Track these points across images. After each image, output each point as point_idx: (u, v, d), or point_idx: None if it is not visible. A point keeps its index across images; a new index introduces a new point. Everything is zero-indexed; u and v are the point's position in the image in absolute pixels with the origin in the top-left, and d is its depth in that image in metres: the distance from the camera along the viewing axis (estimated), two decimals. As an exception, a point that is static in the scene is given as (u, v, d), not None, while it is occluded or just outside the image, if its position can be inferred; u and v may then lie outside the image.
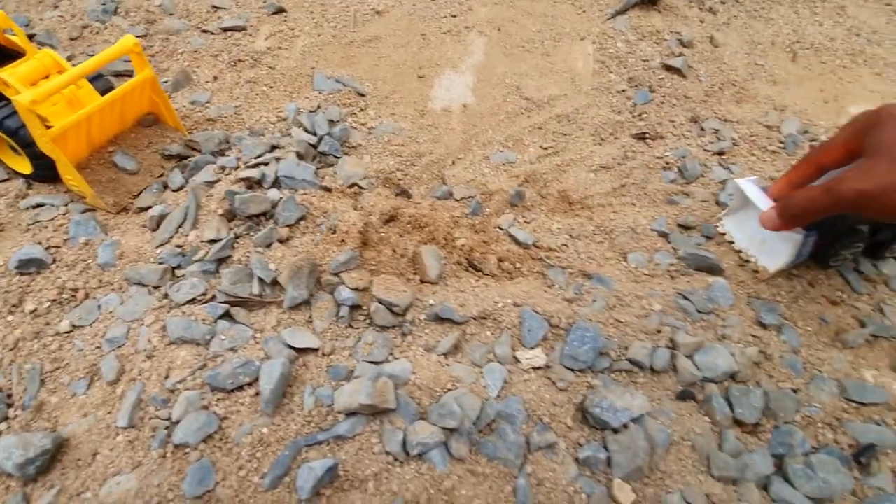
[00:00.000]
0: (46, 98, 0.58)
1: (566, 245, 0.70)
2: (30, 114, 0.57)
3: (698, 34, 1.01)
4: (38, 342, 0.54)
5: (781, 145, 0.87)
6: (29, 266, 0.58)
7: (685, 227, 0.71)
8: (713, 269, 0.65)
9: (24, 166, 0.68)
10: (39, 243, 0.61)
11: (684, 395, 0.54)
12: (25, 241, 0.62)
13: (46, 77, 0.68)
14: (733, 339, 0.59)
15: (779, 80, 0.98)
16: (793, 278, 0.67)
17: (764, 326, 0.62)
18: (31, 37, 0.89)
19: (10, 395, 0.50)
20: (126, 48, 0.65)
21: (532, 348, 0.55)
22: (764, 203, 0.60)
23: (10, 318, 0.55)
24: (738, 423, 0.53)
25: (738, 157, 0.85)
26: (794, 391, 0.56)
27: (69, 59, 0.87)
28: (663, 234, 0.70)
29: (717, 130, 0.88)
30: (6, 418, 0.49)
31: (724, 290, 0.63)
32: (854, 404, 0.57)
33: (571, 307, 0.59)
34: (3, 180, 0.69)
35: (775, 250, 0.63)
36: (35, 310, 0.56)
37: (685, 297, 0.61)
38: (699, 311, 0.61)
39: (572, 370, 0.53)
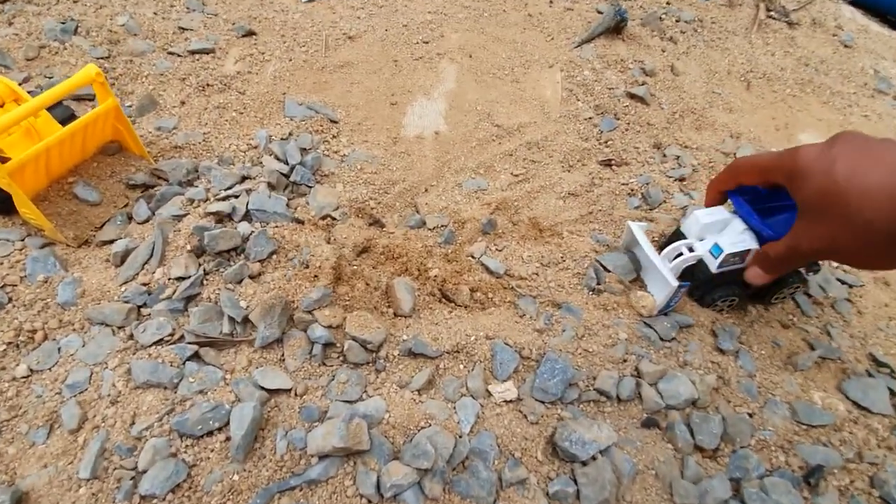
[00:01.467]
0: (3, 132, 0.56)
1: (537, 273, 0.71)
2: (-17, 149, 0.55)
3: (660, 63, 1.06)
4: (-7, 389, 0.51)
5: (737, 172, 0.91)
6: (-18, 306, 0.56)
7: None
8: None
9: (-23, 198, 0.65)
10: (-6, 281, 0.58)
11: (649, 423, 0.57)
12: (-22, 279, 0.59)
13: (1, 106, 0.66)
14: (694, 366, 0.62)
15: (734, 108, 1.03)
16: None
17: (722, 352, 0.65)
18: (-18, 56, 0.85)
19: (-39, 448, 0.48)
20: (88, 78, 0.63)
21: (504, 381, 0.56)
22: (650, 249, 0.65)
23: (-40, 363, 0.53)
24: (698, 449, 0.56)
25: (697, 184, 0.89)
26: (750, 415, 0.59)
27: (25, 80, 0.83)
28: (628, 262, 0.73)
29: (678, 157, 0.92)
30: (-42, 473, 0.46)
31: (686, 317, 0.65)
32: (804, 426, 0.60)
33: (542, 338, 0.61)
34: (-47, 213, 0.66)
35: (660, 292, 0.65)
36: (-11, 353, 0.53)
37: (648, 325, 0.64)
38: (662, 339, 0.63)
39: (543, 402, 0.55)
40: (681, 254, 0.64)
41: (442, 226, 0.75)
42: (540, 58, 1.03)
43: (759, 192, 0.62)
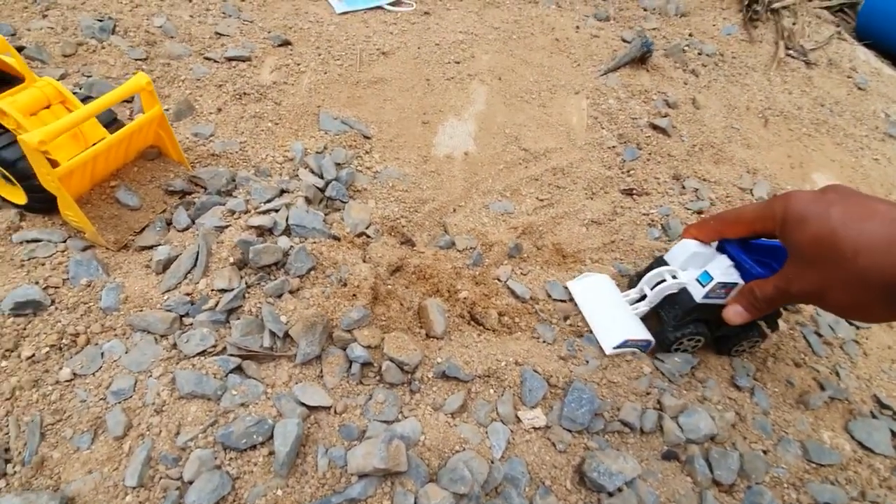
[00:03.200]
0: (55, 138, 0.57)
1: (561, 300, 0.73)
2: (36, 154, 0.56)
3: (682, 95, 1.09)
4: (37, 391, 0.52)
5: (753, 208, 0.94)
6: (25, 308, 0.57)
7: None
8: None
9: (18, 197, 0.66)
10: (37, 283, 0.59)
11: (668, 456, 0.59)
12: (19, 279, 0.60)
13: (47, 107, 0.66)
14: (713, 401, 0.64)
15: (752, 144, 1.06)
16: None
17: (738, 388, 0.67)
18: (19, 49, 0.86)
19: (7, 450, 0.49)
20: (139, 86, 0.65)
21: (532, 408, 0.58)
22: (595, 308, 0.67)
23: (3, 363, 0.54)
24: (716, 483, 0.58)
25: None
26: (765, 452, 0.62)
27: (62, 77, 0.84)
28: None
29: (696, 189, 0.95)
30: (5, 475, 0.47)
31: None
32: (814, 465, 0.63)
33: (567, 366, 0.63)
34: (-6, 210, 0.67)
35: (611, 337, 0.65)
36: (33, 355, 0.54)
37: (662, 360, 0.66)
38: (679, 374, 0.65)
39: (570, 431, 0.57)
40: (662, 280, 0.63)
41: (471, 248, 0.77)
42: (566, 83, 1.06)
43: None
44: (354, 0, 1.10)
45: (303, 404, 0.53)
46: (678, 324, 0.64)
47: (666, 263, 0.65)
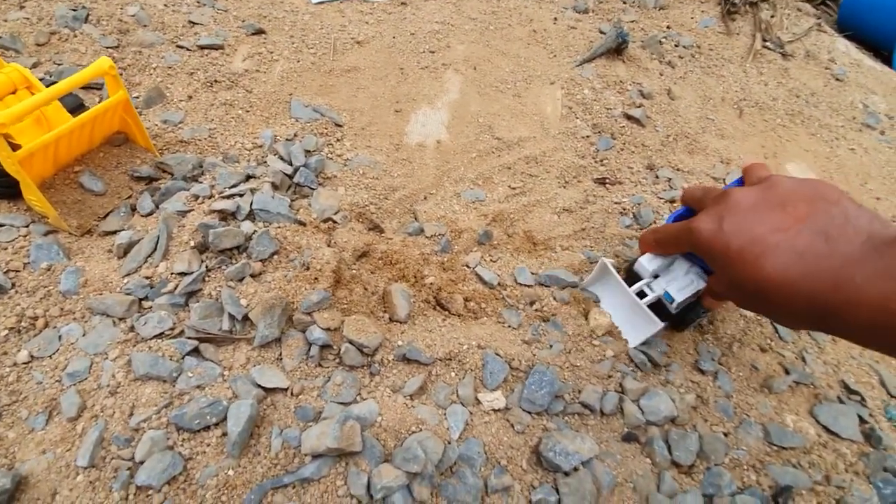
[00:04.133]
0: (17, 121, 0.57)
1: (528, 285, 0.74)
2: (-3, 137, 0.56)
3: (657, 86, 1.09)
4: (-7, 373, 0.52)
5: (726, 197, 0.95)
6: (-16, 291, 0.57)
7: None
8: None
9: (-18, 182, 0.66)
10: (-3, 267, 0.59)
11: (629, 438, 0.59)
12: (-20, 263, 0.60)
13: (13, 92, 0.66)
14: (675, 384, 0.65)
15: (726, 135, 1.06)
16: (728, 323, 0.73)
17: (702, 372, 0.68)
18: (-9, 38, 0.85)
19: (-40, 430, 0.49)
20: (101, 70, 0.64)
21: (493, 390, 0.58)
22: (624, 284, 0.66)
23: (-39, 345, 0.54)
24: (675, 464, 0.58)
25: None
26: (725, 434, 0.62)
27: (34, 66, 0.84)
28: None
29: (669, 179, 0.95)
30: (-44, 455, 0.47)
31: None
32: (775, 447, 0.63)
33: (531, 350, 0.63)
34: (-43, 195, 0.66)
35: (637, 329, 0.66)
36: (-10, 338, 0.54)
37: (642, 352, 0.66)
38: (648, 358, 0.66)
39: (529, 413, 0.57)
40: (644, 293, 0.65)
41: (439, 234, 0.77)
42: (542, 74, 1.06)
43: None
44: (331, -10, 1.10)
45: (259, 386, 0.53)
46: (677, 322, 0.66)
47: (637, 274, 0.66)
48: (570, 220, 0.85)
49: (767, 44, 1.25)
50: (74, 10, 0.92)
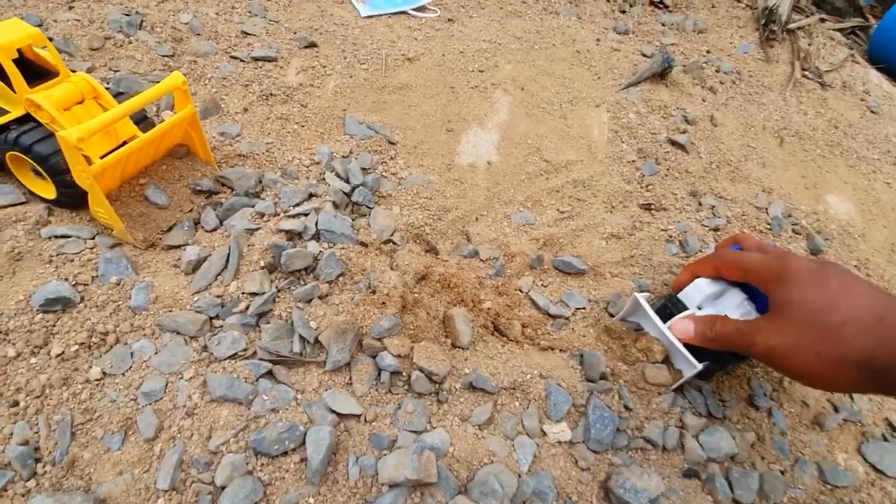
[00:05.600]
0: (92, 136, 0.57)
1: (583, 308, 0.74)
2: (74, 150, 0.56)
3: (701, 112, 1.10)
4: (67, 390, 0.52)
5: (768, 227, 0.95)
6: (55, 304, 0.56)
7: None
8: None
9: (47, 191, 0.66)
10: (66, 279, 0.59)
11: (689, 474, 0.59)
12: (48, 275, 0.60)
13: (80, 102, 0.66)
14: (732, 420, 0.65)
15: (767, 164, 1.07)
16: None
17: (756, 408, 0.68)
18: (46, 40, 0.85)
19: (37, 449, 0.49)
20: (174, 85, 0.65)
21: (558, 422, 0.59)
22: (657, 320, 0.63)
23: (33, 360, 0.54)
24: (736, 503, 0.59)
25: (730, 235, 0.92)
26: (782, 472, 0.63)
27: (88, 70, 0.84)
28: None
29: (713, 207, 0.96)
30: (35, 474, 0.47)
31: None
32: (829, 486, 0.64)
33: (589, 382, 0.63)
34: (21, 203, 0.66)
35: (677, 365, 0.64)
36: (62, 353, 0.54)
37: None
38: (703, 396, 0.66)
39: (596, 452, 0.57)
40: None
41: (494, 258, 0.77)
42: (587, 96, 1.06)
43: None
44: (379, 4, 1.11)
45: (333, 411, 0.53)
46: (718, 364, 0.63)
47: (681, 302, 0.64)
48: (619, 247, 0.85)
49: (806, 73, 1.26)
50: (128, 16, 0.92)
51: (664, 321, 0.63)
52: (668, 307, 0.65)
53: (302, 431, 0.50)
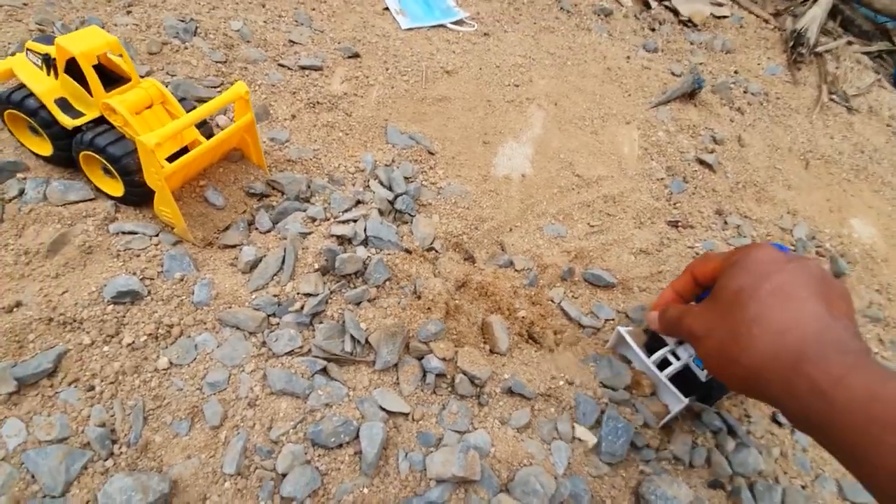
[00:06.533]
0: (167, 140, 0.61)
1: (612, 319, 0.77)
2: (151, 155, 0.60)
3: (728, 132, 1.12)
4: (138, 377, 0.56)
5: (793, 248, 0.98)
6: (125, 297, 0.60)
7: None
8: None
9: (115, 189, 0.70)
10: (134, 273, 0.63)
11: (714, 485, 0.62)
12: (116, 268, 0.64)
13: (149, 107, 0.71)
14: (756, 436, 0.68)
15: (793, 186, 1.09)
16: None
17: (780, 425, 0.71)
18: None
19: (112, 431, 0.53)
20: (237, 95, 0.69)
21: (590, 428, 0.62)
22: (641, 354, 0.64)
23: (105, 348, 0.58)
24: (759, 514, 0.61)
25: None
26: (803, 487, 0.65)
27: (147, 74, 0.88)
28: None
29: (738, 226, 0.98)
30: (111, 454, 0.51)
31: None
32: (848, 502, 0.66)
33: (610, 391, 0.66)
34: (90, 199, 0.70)
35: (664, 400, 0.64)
36: (132, 343, 0.58)
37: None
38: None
39: (610, 465, 0.59)
40: (668, 361, 0.62)
41: (528, 269, 0.80)
42: (618, 113, 1.09)
43: None
44: (419, 17, 1.15)
45: (383, 409, 0.56)
46: (705, 394, 0.63)
47: (661, 339, 0.63)
48: (647, 262, 0.88)
49: (833, 96, 1.28)
50: (184, 22, 0.97)
51: (650, 355, 0.63)
52: (654, 342, 0.65)
53: (355, 426, 0.54)
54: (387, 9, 1.16)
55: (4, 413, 0.51)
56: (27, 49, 0.70)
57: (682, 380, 0.62)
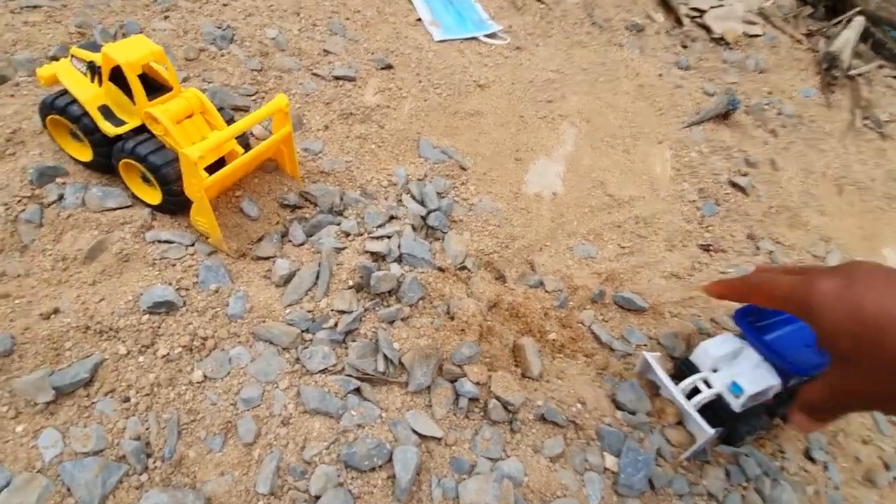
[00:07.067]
0: (209, 153, 0.61)
1: (645, 345, 0.76)
2: (193, 167, 0.60)
3: (761, 155, 1.11)
4: (173, 390, 0.56)
5: (826, 277, 0.96)
6: (160, 307, 0.61)
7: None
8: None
9: (152, 197, 0.70)
10: (170, 283, 0.63)
11: (747, 523, 0.61)
12: (152, 277, 0.64)
13: (190, 116, 0.71)
14: (789, 471, 0.66)
15: (826, 212, 1.07)
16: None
17: (813, 461, 0.69)
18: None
19: (147, 444, 0.52)
20: (278, 108, 0.69)
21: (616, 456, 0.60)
22: (668, 382, 0.62)
23: (141, 359, 0.58)
24: (794, 555, 0.60)
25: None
26: (838, 528, 0.64)
27: (184, 80, 0.89)
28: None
29: (771, 252, 0.96)
30: (147, 469, 0.51)
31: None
32: (883, 544, 0.65)
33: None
34: (127, 206, 0.71)
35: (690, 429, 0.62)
36: (167, 354, 0.58)
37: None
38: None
39: (624, 496, 0.58)
40: (698, 389, 0.60)
41: (558, 290, 0.79)
42: (650, 132, 1.08)
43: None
44: (452, 29, 1.14)
45: (416, 433, 0.56)
46: (732, 428, 0.61)
47: (693, 365, 0.62)
48: (678, 287, 0.87)
49: (867, 122, 1.26)
50: (221, 29, 0.97)
51: (677, 382, 0.62)
52: (683, 369, 0.64)
53: (389, 449, 0.53)
54: (419, 19, 1.16)
55: (41, 423, 0.52)
56: (72, 55, 0.70)
57: (712, 411, 0.60)
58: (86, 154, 0.71)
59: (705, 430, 0.58)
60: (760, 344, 0.59)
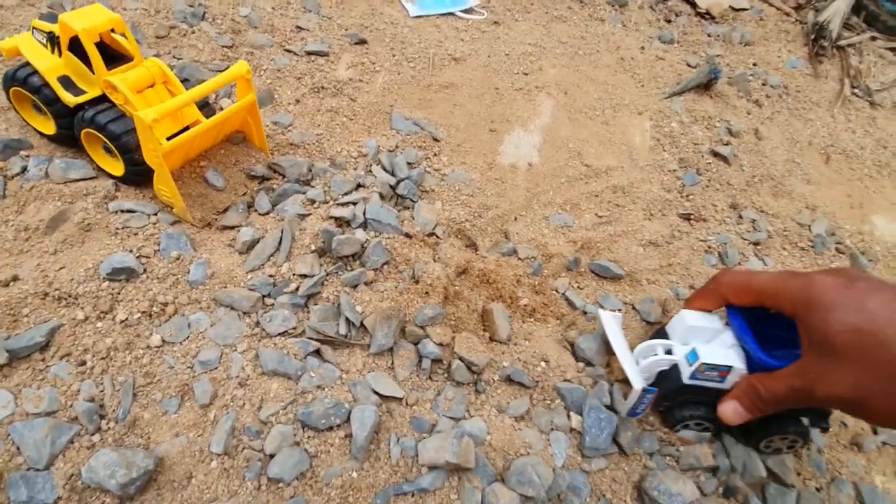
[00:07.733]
0: (165, 117, 0.61)
1: (619, 310, 0.74)
2: (148, 130, 0.60)
3: (745, 125, 1.09)
4: (130, 354, 0.55)
5: (811, 244, 0.94)
6: (120, 273, 0.60)
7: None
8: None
9: (116, 168, 0.70)
10: (131, 251, 0.62)
11: (727, 493, 0.59)
12: (113, 246, 0.63)
13: (151, 85, 0.70)
14: (767, 434, 0.64)
15: (812, 180, 1.05)
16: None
17: (793, 423, 0.67)
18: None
19: (101, 406, 0.52)
20: (239, 74, 0.68)
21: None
22: (619, 344, 0.59)
23: (99, 324, 0.57)
24: (770, 517, 0.58)
25: (771, 250, 0.91)
26: (818, 489, 0.62)
27: (154, 57, 0.88)
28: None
29: (754, 221, 0.95)
30: (99, 430, 0.50)
31: None
32: (867, 507, 0.63)
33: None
34: (91, 178, 0.70)
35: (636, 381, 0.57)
36: (126, 319, 0.57)
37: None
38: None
39: (588, 458, 0.56)
40: (655, 354, 0.57)
41: (532, 257, 0.78)
42: (630, 103, 1.07)
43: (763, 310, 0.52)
44: (428, 5, 1.13)
45: (376, 393, 0.55)
46: (673, 404, 0.58)
47: (667, 334, 0.59)
48: (656, 254, 0.85)
49: (856, 91, 1.23)
50: (192, 7, 0.97)
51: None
52: (655, 337, 0.60)
53: (347, 409, 0.52)
54: (396, -3, 1.15)
55: (-6, 385, 0.51)
56: (33, 27, 0.70)
57: (663, 380, 0.56)
58: (49, 127, 0.71)
59: (634, 385, 0.55)
60: (745, 332, 0.53)
